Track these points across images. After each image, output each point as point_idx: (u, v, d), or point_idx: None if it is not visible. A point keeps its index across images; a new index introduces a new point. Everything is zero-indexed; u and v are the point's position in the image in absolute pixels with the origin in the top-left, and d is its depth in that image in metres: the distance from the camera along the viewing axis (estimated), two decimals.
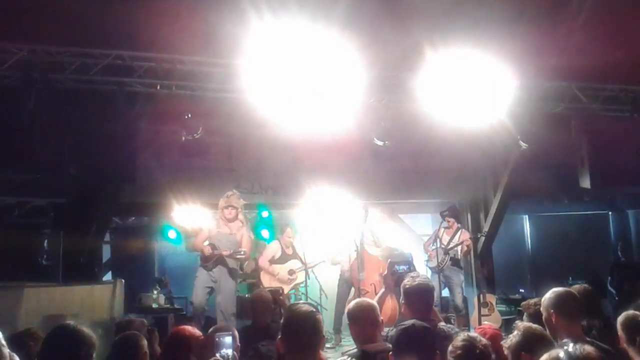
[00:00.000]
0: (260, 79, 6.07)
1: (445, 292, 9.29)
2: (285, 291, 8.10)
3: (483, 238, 9.87)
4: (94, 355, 3.03)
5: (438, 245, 9.02)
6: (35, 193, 7.98)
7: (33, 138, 5.83)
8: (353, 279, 8.36)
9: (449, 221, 9.29)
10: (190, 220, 7.87)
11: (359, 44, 6.50)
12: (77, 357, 2.97)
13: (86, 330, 3.05)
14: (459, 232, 9.23)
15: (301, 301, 7.67)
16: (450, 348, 2.98)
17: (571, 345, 2.18)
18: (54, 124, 6.05)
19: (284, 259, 8.50)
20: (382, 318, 3.84)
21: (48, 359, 2.99)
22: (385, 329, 3.80)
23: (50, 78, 5.93)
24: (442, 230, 9.24)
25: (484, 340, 3.01)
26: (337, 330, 8.43)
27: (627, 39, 7.80)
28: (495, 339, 3.67)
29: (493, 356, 2.98)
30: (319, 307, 8.69)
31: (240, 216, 7.63)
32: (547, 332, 3.42)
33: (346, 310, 3.98)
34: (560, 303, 3.48)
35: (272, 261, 8.46)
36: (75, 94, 6.33)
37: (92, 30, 6.31)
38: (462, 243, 9.10)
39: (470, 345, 2.91)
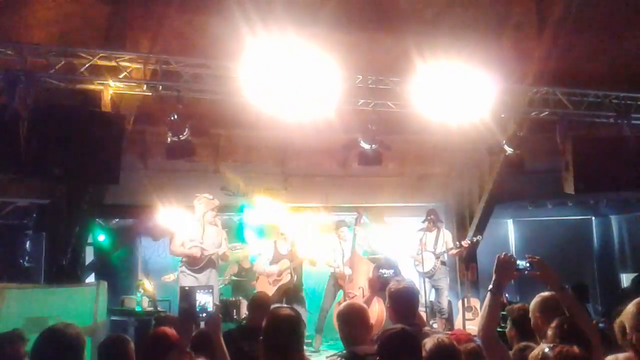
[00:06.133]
0: (250, 82, 6.06)
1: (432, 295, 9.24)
2: (270, 292, 8.05)
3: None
4: (84, 357, 3.04)
5: (423, 250, 8.93)
6: (17, 194, 7.88)
7: (16, 138, 5.73)
8: (341, 281, 8.36)
9: (430, 220, 9.06)
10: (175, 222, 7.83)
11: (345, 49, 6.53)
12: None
13: (75, 331, 3.05)
14: (441, 233, 9.11)
15: (283, 305, 7.66)
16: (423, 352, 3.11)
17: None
18: (37, 124, 5.96)
19: (276, 259, 8.44)
20: (372, 322, 3.86)
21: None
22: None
23: (34, 78, 5.84)
24: (423, 234, 9.06)
25: (452, 342, 3.20)
26: (319, 330, 8.40)
27: (611, 45, 7.92)
28: (467, 344, 3.72)
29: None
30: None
31: (217, 218, 7.92)
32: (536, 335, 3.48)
33: (336, 313, 3.99)
34: (545, 306, 3.52)
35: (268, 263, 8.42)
36: (59, 94, 6.26)
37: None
38: (460, 248, 8.94)
39: (438, 348, 3.09)
